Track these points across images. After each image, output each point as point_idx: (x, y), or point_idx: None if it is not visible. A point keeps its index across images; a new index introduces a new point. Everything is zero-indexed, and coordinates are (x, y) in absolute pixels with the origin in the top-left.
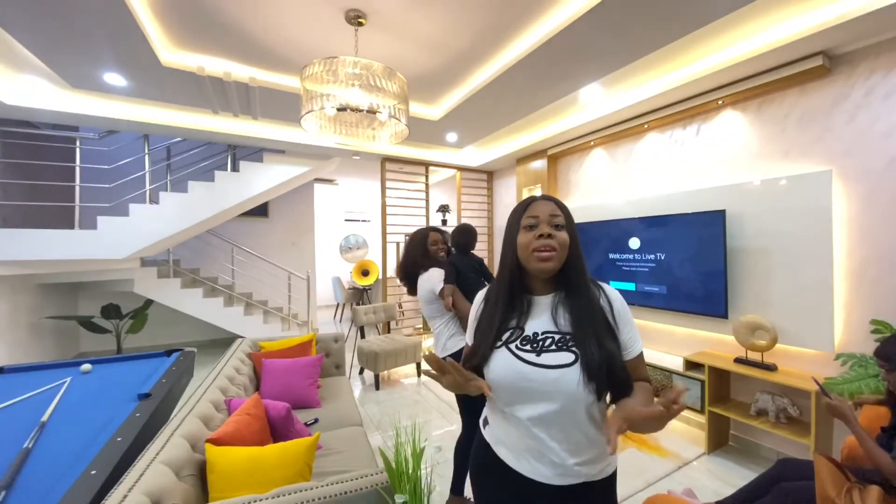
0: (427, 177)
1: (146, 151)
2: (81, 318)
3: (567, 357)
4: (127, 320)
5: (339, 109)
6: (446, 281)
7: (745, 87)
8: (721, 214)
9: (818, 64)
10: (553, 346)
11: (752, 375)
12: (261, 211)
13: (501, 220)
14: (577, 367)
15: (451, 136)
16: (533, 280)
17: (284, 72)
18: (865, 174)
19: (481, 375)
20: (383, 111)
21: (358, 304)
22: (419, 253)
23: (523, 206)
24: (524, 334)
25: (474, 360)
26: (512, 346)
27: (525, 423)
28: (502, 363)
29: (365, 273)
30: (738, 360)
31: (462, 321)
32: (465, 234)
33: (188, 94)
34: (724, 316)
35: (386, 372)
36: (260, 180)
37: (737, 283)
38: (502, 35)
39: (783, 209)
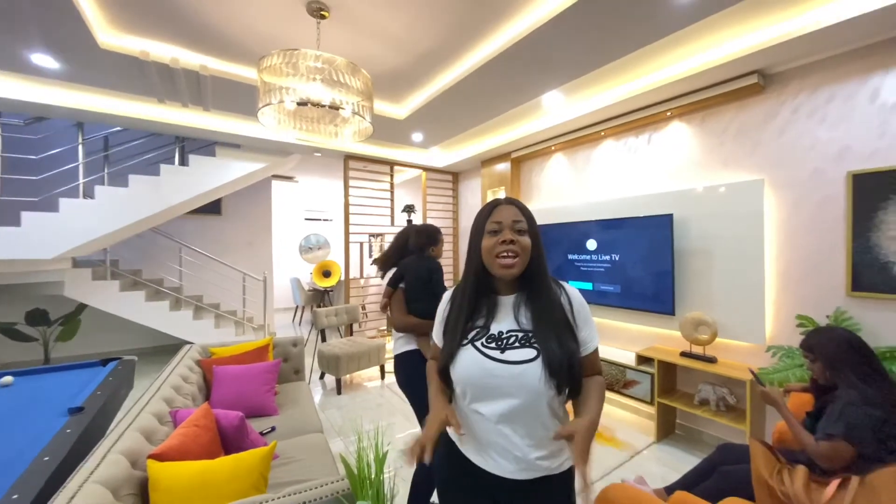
0: (392, 176)
1: (80, 141)
2: (2, 325)
3: (529, 353)
4: (56, 327)
5: (299, 104)
6: (388, 283)
7: (690, 100)
8: (669, 218)
9: (753, 82)
10: (516, 344)
11: (696, 368)
12: (213, 208)
13: (466, 221)
14: (538, 363)
15: (417, 136)
16: (497, 281)
17: (240, 62)
18: (792, 184)
19: (449, 375)
20: (346, 108)
21: (319, 306)
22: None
23: (487, 211)
24: (490, 333)
25: (441, 360)
26: (478, 343)
27: (489, 420)
28: (468, 360)
29: (326, 274)
30: (683, 354)
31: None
32: (419, 235)
33: (130, 80)
34: (672, 313)
35: (348, 376)
36: (212, 176)
37: (683, 282)
38: (468, 38)
39: (722, 214)
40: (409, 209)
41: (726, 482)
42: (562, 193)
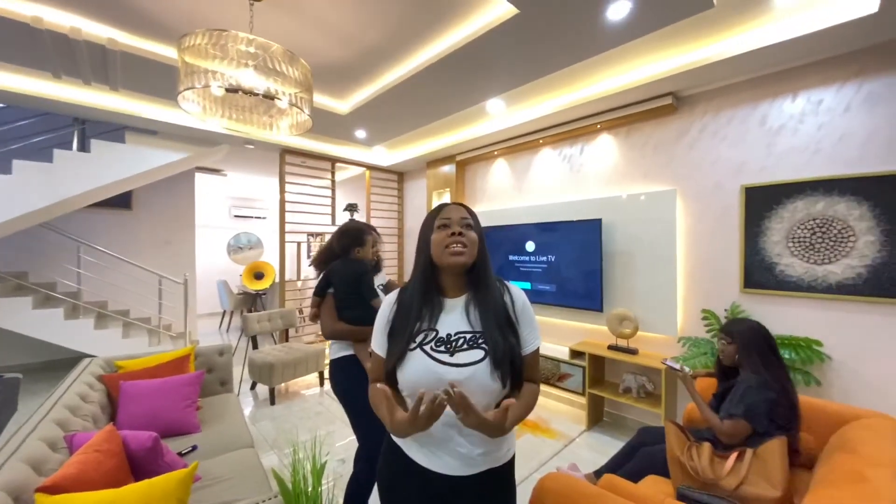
0: (333, 173)
1: None
2: None
3: (478, 354)
4: None
5: (228, 90)
6: (314, 292)
7: (617, 115)
8: (598, 223)
9: (668, 102)
10: (465, 346)
11: (621, 359)
12: (122, 202)
13: (412, 222)
14: (486, 362)
15: (360, 133)
16: (445, 280)
17: (157, 38)
18: (698, 195)
19: (395, 378)
20: (283, 98)
21: (249, 310)
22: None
23: (436, 211)
24: (438, 336)
25: (388, 362)
26: (427, 347)
27: (438, 425)
28: (418, 365)
29: (258, 276)
30: (610, 347)
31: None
32: (343, 237)
33: (17, 49)
34: (600, 309)
35: (284, 384)
36: (119, 165)
37: (610, 281)
38: (413, 38)
39: (643, 219)
40: (351, 208)
41: (647, 461)
42: (504, 197)
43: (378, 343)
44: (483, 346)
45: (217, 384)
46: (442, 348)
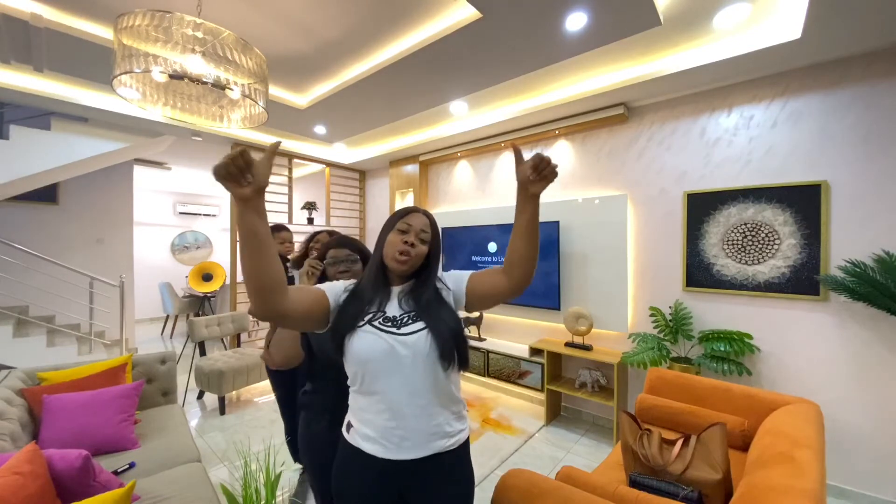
0: (290, 169)
1: None
2: None
3: (420, 325)
4: None
5: (172, 76)
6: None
7: (573, 122)
8: (556, 224)
9: (620, 112)
10: (409, 321)
11: (577, 356)
12: (45, 195)
13: (374, 222)
14: (426, 332)
15: (320, 129)
16: (393, 276)
17: (89, 17)
18: (646, 200)
19: (342, 352)
20: (235, 89)
21: (196, 314)
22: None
23: (403, 212)
24: (385, 315)
25: (338, 334)
26: (375, 323)
27: (388, 398)
28: (367, 337)
29: (207, 278)
30: (567, 344)
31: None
32: None
33: None
34: (558, 308)
35: (235, 392)
36: (43, 154)
37: (567, 280)
38: (377, 34)
39: (597, 222)
40: (309, 206)
41: None
42: (467, 198)
43: (329, 289)
44: (422, 320)
45: (158, 395)
46: (389, 324)
